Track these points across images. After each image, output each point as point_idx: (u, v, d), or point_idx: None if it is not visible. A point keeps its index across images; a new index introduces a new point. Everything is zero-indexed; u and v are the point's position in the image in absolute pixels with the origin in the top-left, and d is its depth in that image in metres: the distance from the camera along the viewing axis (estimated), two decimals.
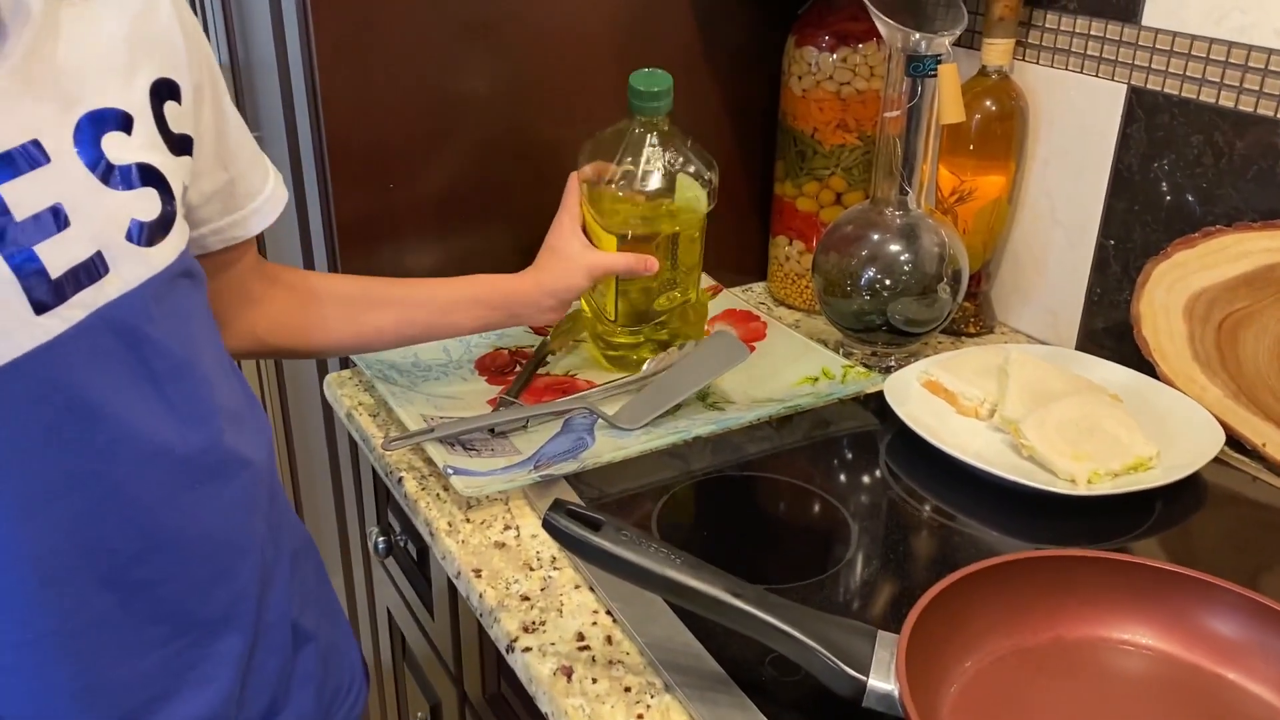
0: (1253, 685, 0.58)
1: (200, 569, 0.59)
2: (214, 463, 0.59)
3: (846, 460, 0.86)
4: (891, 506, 0.80)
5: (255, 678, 0.64)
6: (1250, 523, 0.79)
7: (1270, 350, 0.82)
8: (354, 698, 0.73)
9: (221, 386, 0.61)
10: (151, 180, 0.55)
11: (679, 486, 0.81)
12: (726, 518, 0.80)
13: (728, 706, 0.59)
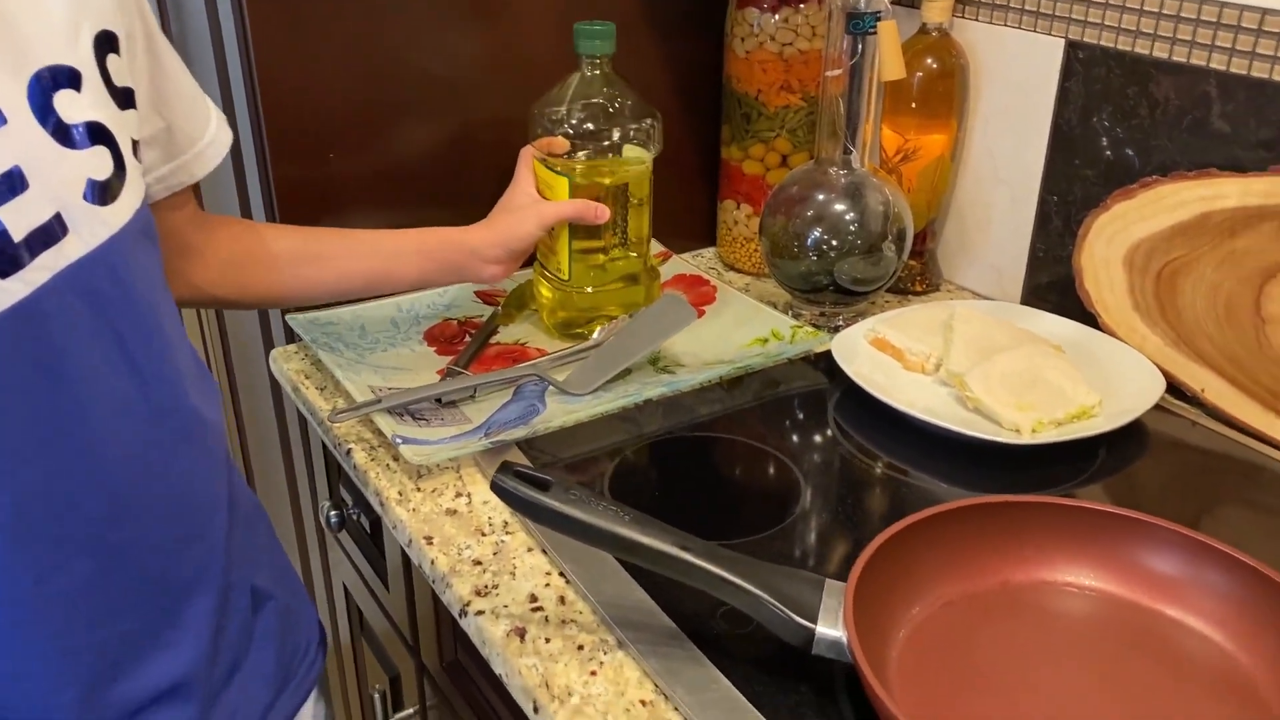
0: (1189, 619, 0.59)
1: (171, 529, 0.59)
2: (179, 422, 0.59)
3: (796, 418, 0.87)
4: (841, 462, 0.81)
5: (221, 638, 0.64)
6: (1192, 467, 0.81)
7: (1207, 298, 0.83)
8: (311, 657, 0.74)
9: (181, 346, 0.61)
10: (102, 138, 0.54)
11: (631, 449, 0.81)
12: (678, 478, 0.80)
13: (680, 660, 0.60)
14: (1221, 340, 0.83)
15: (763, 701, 0.57)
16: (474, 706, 0.79)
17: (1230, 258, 0.81)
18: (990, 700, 0.56)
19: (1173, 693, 0.56)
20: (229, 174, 0.99)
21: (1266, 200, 0.78)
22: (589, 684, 0.59)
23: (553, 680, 0.59)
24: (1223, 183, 0.81)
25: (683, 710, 0.57)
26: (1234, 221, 0.80)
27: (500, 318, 0.97)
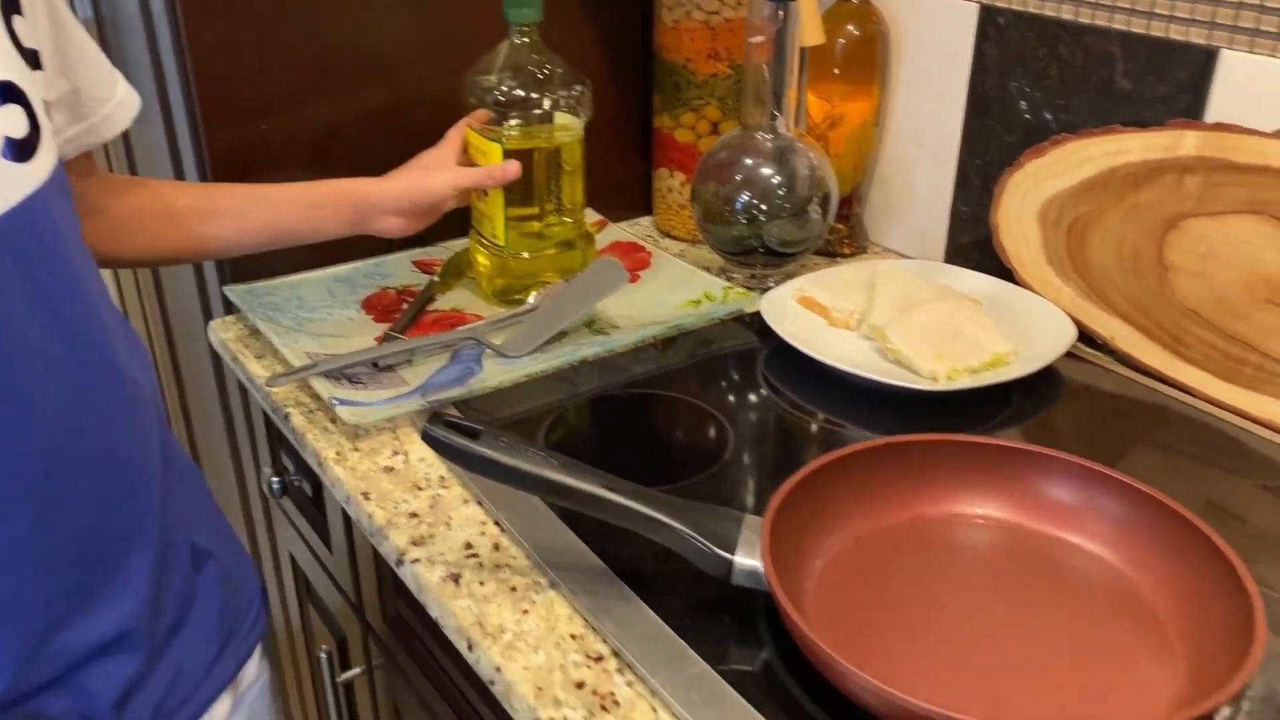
0: (1085, 542, 0.63)
1: (105, 483, 0.60)
2: (106, 378, 0.60)
3: (727, 375, 0.89)
4: (769, 413, 0.83)
5: (163, 593, 0.65)
6: (1102, 410, 0.85)
7: (1114, 249, 0.87)
8: (254, 617, 0.75)
9: (104, 304, 0.62)
10: (15, 97, 0.56)
11: (566, 407, 0.84)
12: (613, 433, 0.82)
13: (609, 597, 0.62)
14: (1128, 289, 0.87)
15: (687, 631, 0.60)
16: (418, 661, 0.81)
17: (1135, 210, 0.85)
18: (902, 623, 0.59)
19: (1071, 611, 0.60)
20: (162, 146, 1.00)
21: (1166, 154, 0.82)
22: (521, 622, 0.61)
23: (486, 620, 0.62)
24: (1126, 138, 0.84)
25: (611, 642, 0.60)
26: (1137, 175, 0.84)
27: (437, 286, 0.99)
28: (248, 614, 0.76)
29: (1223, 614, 0.55)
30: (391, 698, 0.89)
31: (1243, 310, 0.80)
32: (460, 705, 0.75)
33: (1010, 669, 0.56)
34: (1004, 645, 0.58)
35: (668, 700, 0.56)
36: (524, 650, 0.59)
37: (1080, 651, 0.57)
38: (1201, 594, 0.57)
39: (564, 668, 0.58)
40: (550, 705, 0.56)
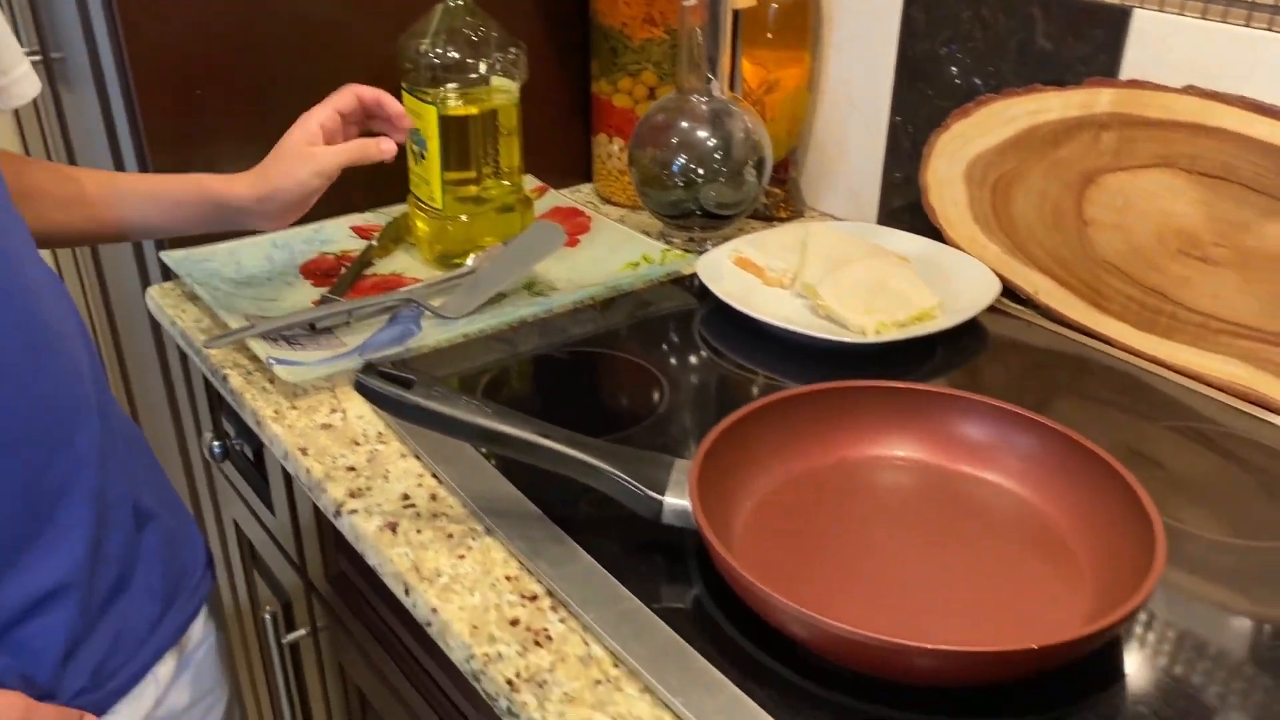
0: (999, 479, 0.66)
1: (36, 435, 0.61)
2: (33, 335, 0.61)
3: (665, 334, 0.91)
4: (704, 368, 0.85)
5: (103, 550, 0.66)
6: (1027, 363, 0.87)
7: (1036, 205, 0.90)
8: (199, 578, 0.76)
9: (31, 261, 0.62)
10: None
11: (504, 366, 0.85)
12: (550, 390, 0.84)
13: (544, 541, 0.64)
14: (1050, 244, 0.90)
15: (620, 570, 0.61)
16: (362, 618, 0.82)
17: (1055, 167, 0.88)
18: (826, 557, 0.61)
19: (986, 541, 0.62)
20: (97, 116, 0.99)
21: (1083, 111, 0.85)
22: (457, 566, 0.63)
23: (423, 565, 0.63)
24: (1046, 97, 0.87)
25: (545, 582, 0.61)
26: (1057, 133, 0.87)
27: (376, 250, 1.00)
28: (192, 574, 0.76)
29: (1127, 540, 0.57)
30: (336, 657, 0.89)
31: (1157, 261, 0.83)
32: (404, 659, 0.76)
33: (928, 596, 0.59)
34: (923, 575, 0.60)
35: (599, 634, 0.57)
36: (460, 592, 0.61)
37: (995, 578, 0.60)
38: (1107, 522, 0.59)
39: (499, 607, 0.60)
40: (485, 642, 0.57)
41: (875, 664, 0.53)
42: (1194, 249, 0.80)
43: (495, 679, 0.55)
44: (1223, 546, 0.65)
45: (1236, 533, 0.66)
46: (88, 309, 1.31)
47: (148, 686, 0.72)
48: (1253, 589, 0.61)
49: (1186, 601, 0.60)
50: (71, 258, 1.29)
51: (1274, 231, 0.75)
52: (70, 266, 1.32)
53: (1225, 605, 0.60)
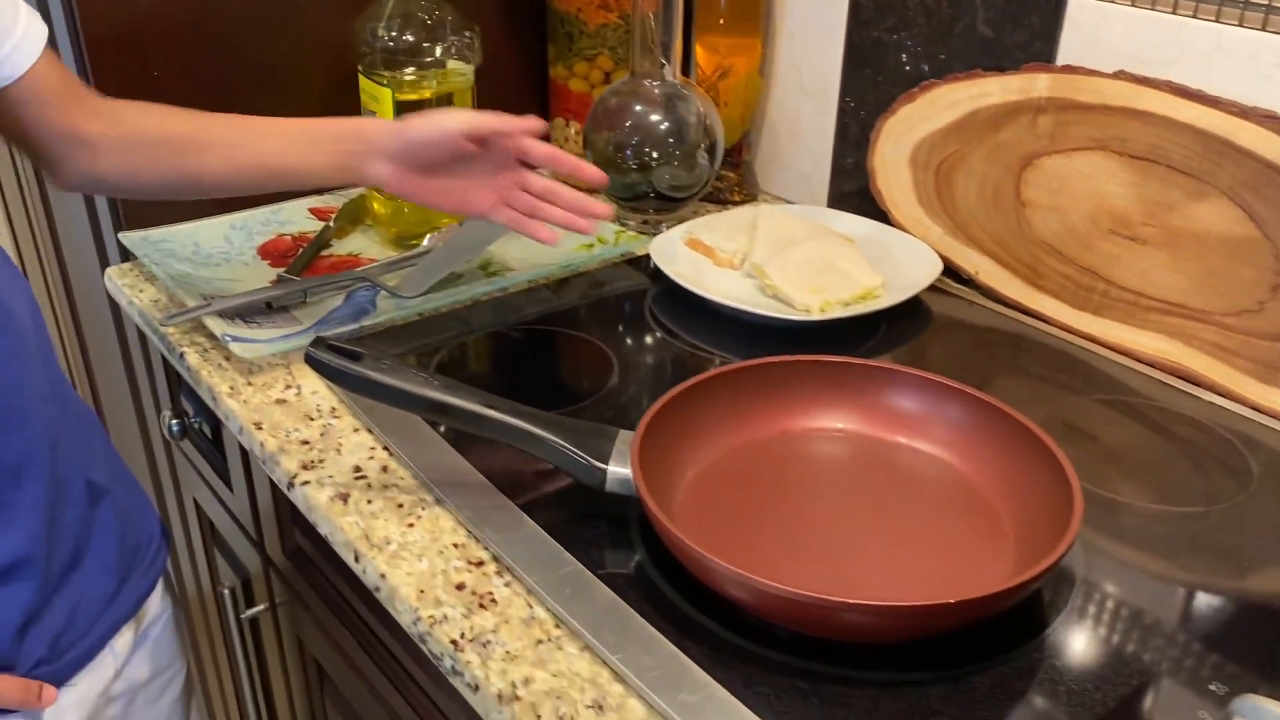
0: (929, 447, 0.68)
1: None
2: None
3: (617, 313, 0.93)
4: (655, 346, 0.87)
5: (58, 526, 0.67)
6: (968, 340, 0.90)
7: (977, 188, 0.92)
8: (154, 553, 0.77)
9: None
10: None
11: (458, 343, 0.86)
12: (502, 366, 0.86)
13: (491, 509, 0.66)
14: (990, 225, 0.92)
15: (565, 536, 0.63)
16: (319, 591, 0.83)
17: (995, 150, 0.90)
18: (763, 523, 0.64)
19: (916, 507, 0.65)
20: None
21: (1022, 95, 0.87)
22: (406, 534, 0.65)
23: (372, 533, 0.65)
24: (986, 82, 0.89)
25: (491, 549, 0.63)
26: (997, 116, 0.89)
27: (333, 232, 1.01)
28: (147, 549, 0.78)
29: (1048, 503, 0.60)
30: (295, 631, 0.91)
31: (1090, 241, 0.86)
32: (359, 630, 0.78)
33: (860, 558, 0.61)
34: (855, 539, 0.63)
35: (542, 596, 0.59)
36: (408, 559, 0.63)
37: (923, 541, 0.62)
38: (1029, 486, 0.62)
39: (445, 573, 0.62)
40: (431, 605, 0.59)
41: (806, 621, 0.56)
42: (1125, 229, 0.83)
43: (440, 640, 0.57)
44: (1149, 513, 0.68)
45: (1163, 500, 0.69)
46: (48, 291, 1.31)
47: (105, 658, 0.73)
48: (1174, 553, 0.64)
49: (1111, 564, 0.63)
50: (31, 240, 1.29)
51: (1199, 212, 0.78)
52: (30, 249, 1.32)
53: (1146, 567, 0.63)
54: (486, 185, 0.81)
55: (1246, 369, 0.78)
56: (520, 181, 0.82)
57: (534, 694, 0.54)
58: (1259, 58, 0.75)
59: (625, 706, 0.53)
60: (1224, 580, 0.62)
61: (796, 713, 0.52)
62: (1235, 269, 0.77)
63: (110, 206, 0.97)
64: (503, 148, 0.80)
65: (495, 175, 0.81)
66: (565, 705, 0.53)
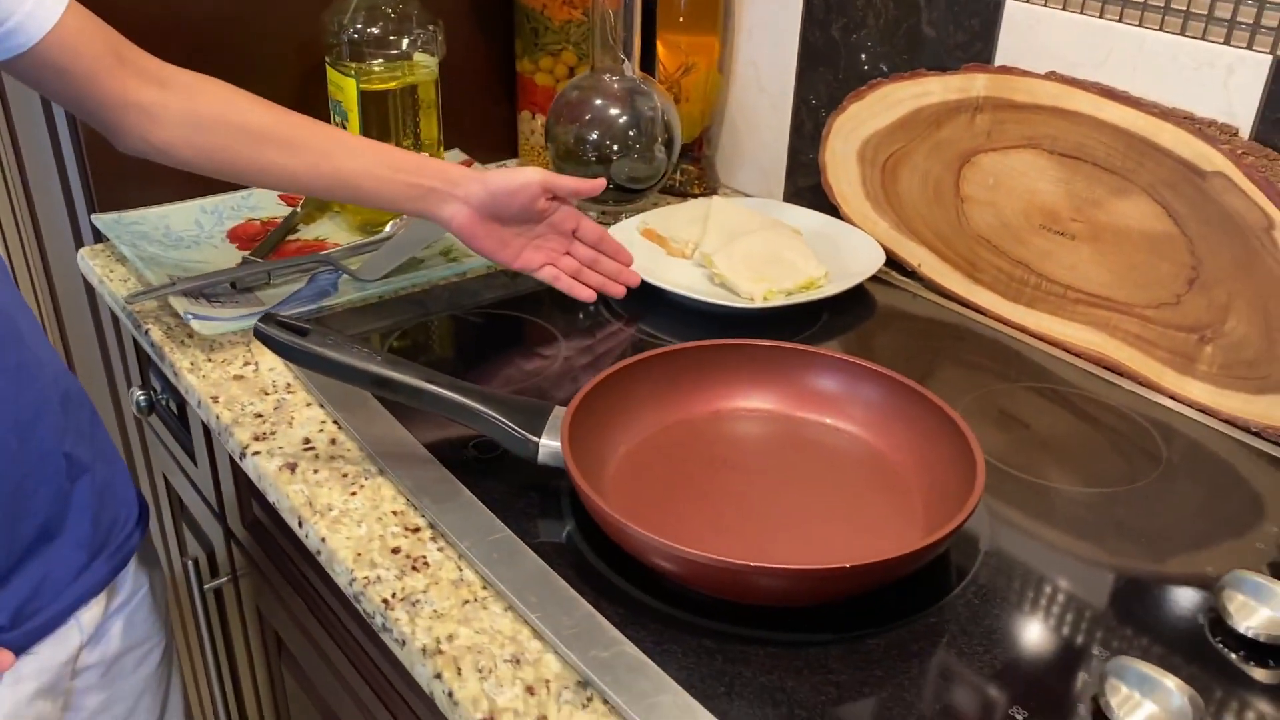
0: (847, 425, 0.72)
1: None
2: None
3: (570, 299, 0.96)
4: (604, 330, 0.90)
5: (27, 501, 0.70)
6: (909, 331, 0.93)
7: (920, 183, 0.96)
8: (129, 530, 0.80)
9: None
10: None
11: (413, 325, 0.90)
12: (455, 348, 0.89)
13: (431, 480, 0.69)
14: (932, 219, 0.96)
15: (499, 506, 0.67)
16: (274, 560, 0.87)
17: (937, 147, 0.93)
18: (688, 498, 0.67)
19: (834, 480, 0.68)
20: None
21: (962, 94, 0.90)
22: (348, 502, 0.68)
23: (316, 500, 0.68)
24: (929, 81, 0.93)
25: (428, 516, 0.66)
26: (939, 114, 0.93)
27: (301, 217, 1.04)
28: (123, 527, 0.80)
29: (955, 478, 0.63)
30: (254, 601, 0.94)
31: (1023, 235, 0.89)
32: (309, 596, 0.81)
33: (778, 529, 0.64)
34: (774, 510, 0.66)
35: (472, 560, 0.63)
36: (348, 525, 0.66)
37: (839, 512, 0.66)
38: (937, 460, 0.65)
39: (383, 538, 0.65)
40: (366, 567, 0.63)
41: (719, 585, 0.59)
42: (1054, 224, 0.86)
43: (373, 599, 0.61)
44: (1060, 494, 0.71)
45: (1077, 482, 0.72)
46: (28, 270, 1.34)
47: (70, 632, 0.76)
48: (1077, 530, 0.68)
49: (1018, 537, 0.66)
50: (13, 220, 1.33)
51: (1122, 208, 0.82)
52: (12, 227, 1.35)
53: (1049, 542, 0.66)
54: (540, 246, 0.88)
55: (1164, 359, 0.81)
56: (568, 247, 0.89)
57: (457, 649, 0.57)
58: (1178, 61, 0.78)
59: (541, 661, 0.57)
60: (1117, 556, 0.65)
61: (700, 668, 0.55)
62: (1155, 263, 0.81)
63: (84, 188, 1.01)
64: (562, 216, 0.88)
65: (548, 237, 0.88)
66: (485, 659, 0.57)
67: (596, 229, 0.90)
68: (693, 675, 0.55)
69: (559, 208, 0.87)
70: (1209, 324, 0.78)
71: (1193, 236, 0.78)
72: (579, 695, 0.55)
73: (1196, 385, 0.80)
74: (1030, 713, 0.53)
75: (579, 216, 0.89)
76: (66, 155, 1.02)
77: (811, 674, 0.56)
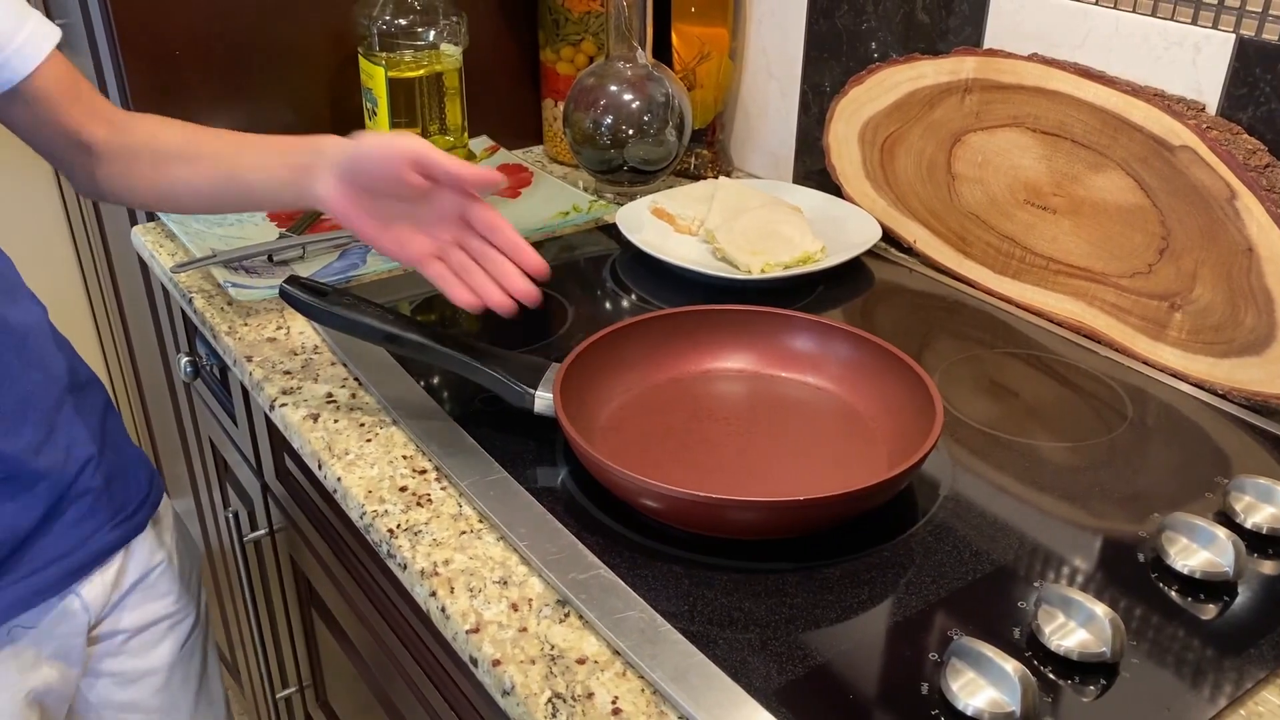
0: (820, 382, 0.77)
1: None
2: None
3: (583, 272, 1.02)
4: (612, 300, 0.96)
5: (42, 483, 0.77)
6: (904, 304, 0.98)
7: (915, 162, 1.00)
8: (132, 508, 0.86)
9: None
10: None
11: (434, 295, 0.96)
12: (469, 316, 0.95)
13: (439, 429, 0.76)
14: (926, 197, 1.00)
15: (498, 452, 0.73)
16: (304, 509, 0.94)
17: (930, 127, 0.98)
18: (672, 445, 0.73)
19: (807, 432, 0.73)
20: (92, 77, 1.12)
21: (952, 77, 0.95)
22: (364, 447, 0.75)
23: (335, 445, 0.75)
24: (923, 65, 0.97)
25: (434, 460, 0.73)
26: (932, 96, 0.97)
27: None
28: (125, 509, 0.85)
29: (917, 422, 0.68)
30: (289, 552, 1.02)
31: (1009, 211, 0.93)
32: (332, 539, 0.88)
33: (753, 470, 0.70)
34: (750, 455, 0.71)
35: (471, 498, 0.69)
36: (362, 466, 0.73)
37: (809, 455, 0.71)
38: (901, 409, 0.70)
39: (392, 478, 0.72)
40: (376, 502, 0.69)
41: (695, 519, 0.65)
42: (1037, 199, 0.91)
43: (380, 529, 0.67)
44: (1037, 449, 0.75)
45: (1052, 438, 0.77)
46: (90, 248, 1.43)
47: (71, 603, 0.82)
48: (1034, 480, 0.72)
49: (978, 485, 0.71)
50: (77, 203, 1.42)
51: (1099, 182, 0.86)
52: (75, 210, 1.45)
53: (1006, 489, 0.71)
54: (426, 233, 0.74)
55: (1138, 326, 0.85)
56: (460, 239, 0.75)
57: (451, 571, 0.64)
58: (1150, 41, 0.82)
59: (526, 583, 0.63)
60: (1072, 503, 0.70)
61: (668, 590, 0.61)
62: (1129, 235, 0.84)
63: None
64: (451, 199, 0.74)
65: (436, 225, 0.74)
66: (476, 581, 0.63)
67: (488, 217, 0.73)
68: (660, 595, 0.61)
69: (444, 193, 0.73)
70: (1178, 292, 0.82)
71: (1163, 208, 0.82)
72: (558, 611, 0.61)
73: (1168, 351, 0.84)
74: (966, 634, 0.58)
75: (472, 201, 0.73)
76: None
77: (769, 597, 0.61)
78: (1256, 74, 0.76)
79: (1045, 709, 0.54)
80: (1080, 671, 0.56)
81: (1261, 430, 0.78)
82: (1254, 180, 0.75)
